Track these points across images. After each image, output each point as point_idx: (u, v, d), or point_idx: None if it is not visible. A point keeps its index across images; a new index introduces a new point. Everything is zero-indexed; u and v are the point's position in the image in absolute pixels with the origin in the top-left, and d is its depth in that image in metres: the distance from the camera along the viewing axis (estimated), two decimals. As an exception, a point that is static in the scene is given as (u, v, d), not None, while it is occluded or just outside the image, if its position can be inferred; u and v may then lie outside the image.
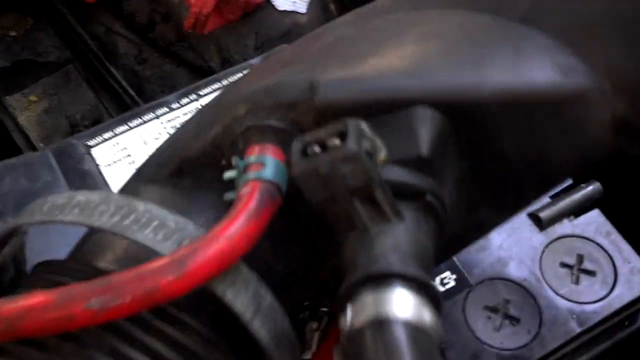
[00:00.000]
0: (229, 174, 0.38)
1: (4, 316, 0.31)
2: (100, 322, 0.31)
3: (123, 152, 0.61)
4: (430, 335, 0.29)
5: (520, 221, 0.54)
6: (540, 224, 0.54)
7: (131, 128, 0.63)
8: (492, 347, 0.48)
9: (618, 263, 0.52)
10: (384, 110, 0.35)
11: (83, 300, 0.30)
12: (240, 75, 0.67)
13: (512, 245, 0.52)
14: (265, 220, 0.34)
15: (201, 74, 0.87)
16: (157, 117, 0.64)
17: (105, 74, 0.89)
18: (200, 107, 0.65)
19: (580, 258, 0.52)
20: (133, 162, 0.61)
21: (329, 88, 0.37)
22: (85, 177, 0.59)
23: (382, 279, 0.30)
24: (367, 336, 0.29)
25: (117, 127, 0.63)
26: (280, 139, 0.37)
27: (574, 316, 0.50)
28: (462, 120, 0.35)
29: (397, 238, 0.31)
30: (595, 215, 0.54)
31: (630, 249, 0.52)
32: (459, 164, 0.36)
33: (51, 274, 0.38)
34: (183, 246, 0.33)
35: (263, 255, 0.37)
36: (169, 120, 0.64)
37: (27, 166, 0.58)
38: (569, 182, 0.55)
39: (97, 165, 0.60)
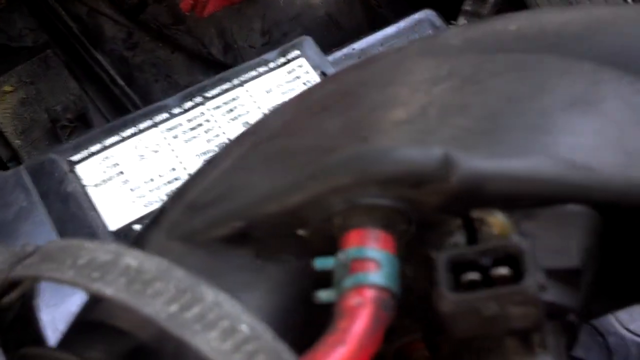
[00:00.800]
0: (323, 263, 0.32)
1: None
2: None
3: (114, 168, 0.54)
4: None
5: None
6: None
7: (124, 139, 0.57)
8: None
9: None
10: (532, 203, 0.31)
11: None
12: (254, 73, 0.58)
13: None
14: (378, 345, 0.29)
15: (200, 61, 0.85)
16: (156, 124, 0.57)
17: (89, 60, 0.84)
18: (208, 111, 0.56)
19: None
20: (127, 181, 0.53)
21: (470, 169, 0.32)
22: (69, 201, 0.53)
23: None
24: None
25: (106, 137, 0.56)
26: (388, 219, 0.32)
27: (652, 353, 0.48)
28: (621, 223, 0.32)
29: None
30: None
31: None
32: (595, 266, 0.32)
33: None
34: None
35: None
36: (170, 129, 0.56)
37: (-3, 188, 0.50)
38: None
39: (83, 185, 0.53)
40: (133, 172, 0.53)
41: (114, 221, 0.51)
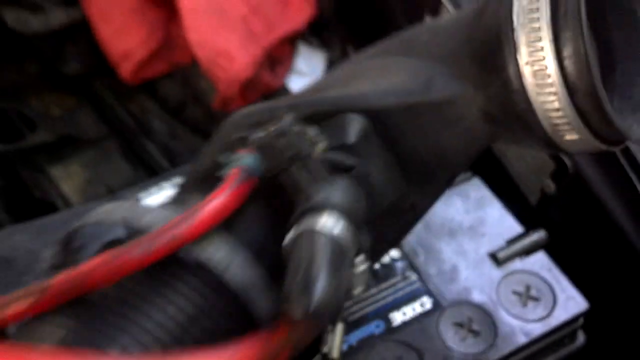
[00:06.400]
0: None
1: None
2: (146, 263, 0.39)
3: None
4: (343, 248, 0.39)
5: (482, 259, 0.65)
6: (498, 261, 0.65)
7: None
8: (458, 352, 0.59)
9: (557, 292, 0.63)
10: (332, 115, 0.47)
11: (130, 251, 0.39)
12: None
13: (476, 278, 0.64)
14: (244, 192, 0.43)
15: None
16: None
17: (140, 148, 0.94)
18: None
19: (528, 288, 0.63)
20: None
21: (308, 104, 0.48)
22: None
23: (315, 210, 0.40)
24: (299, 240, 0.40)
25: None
26: None
27: (522, 331, 0.61)
28: (375, 122, 0.47)
29: (328, 193, 0.42)
30: (540, 255, 0.66)
31: (567, 282, 0.63)
32: (383, 153, 0.47)
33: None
34: (185, 211, 0.43)
35: (257, 238, 0.46)
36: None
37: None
38: (521, 230, 0.68)
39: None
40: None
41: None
